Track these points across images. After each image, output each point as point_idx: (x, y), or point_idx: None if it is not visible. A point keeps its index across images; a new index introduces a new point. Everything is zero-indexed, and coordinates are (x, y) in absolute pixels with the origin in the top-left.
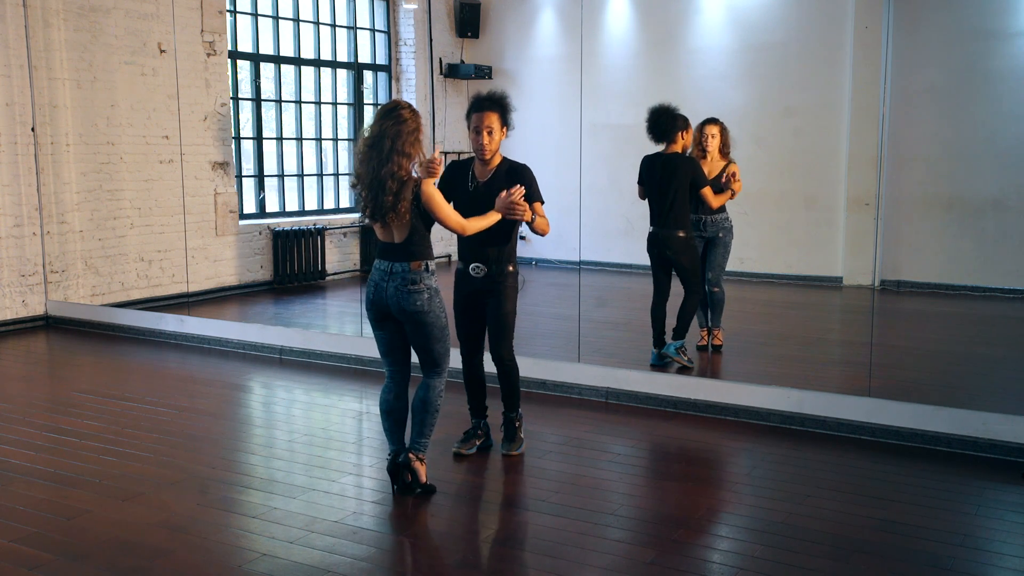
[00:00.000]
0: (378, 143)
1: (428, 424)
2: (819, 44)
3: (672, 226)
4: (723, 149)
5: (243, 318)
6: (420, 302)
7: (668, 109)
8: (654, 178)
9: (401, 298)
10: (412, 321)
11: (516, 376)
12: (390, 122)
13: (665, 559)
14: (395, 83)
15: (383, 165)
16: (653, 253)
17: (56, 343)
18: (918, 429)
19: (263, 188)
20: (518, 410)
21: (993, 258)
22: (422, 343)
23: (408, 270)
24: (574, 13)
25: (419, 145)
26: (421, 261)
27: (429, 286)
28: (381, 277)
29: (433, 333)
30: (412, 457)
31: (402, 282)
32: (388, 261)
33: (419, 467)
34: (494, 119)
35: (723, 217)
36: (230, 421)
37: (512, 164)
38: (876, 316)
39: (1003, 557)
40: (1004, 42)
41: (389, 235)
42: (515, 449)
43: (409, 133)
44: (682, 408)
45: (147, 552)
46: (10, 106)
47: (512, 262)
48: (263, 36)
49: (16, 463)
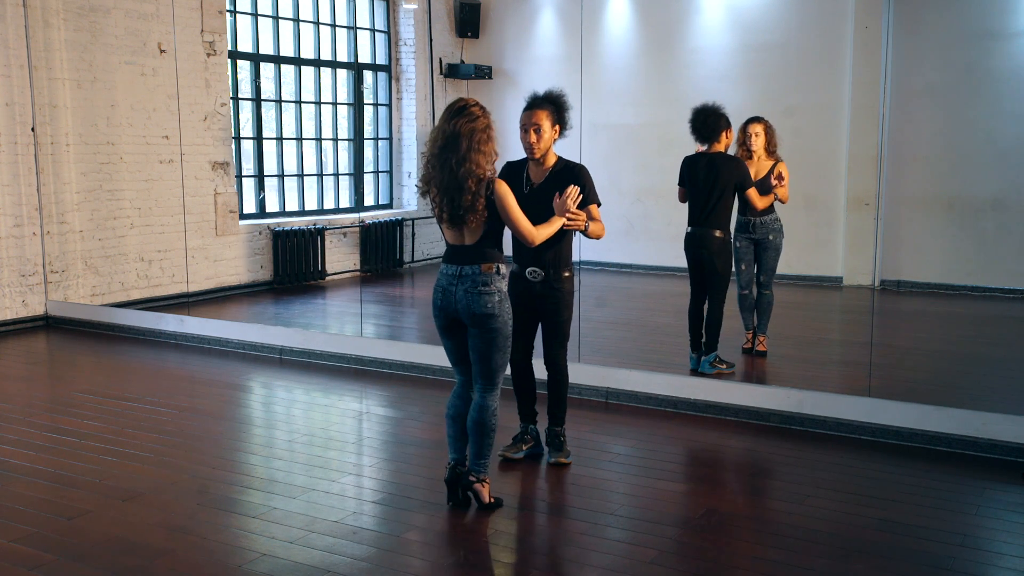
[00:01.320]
0: (453, 143)
1: (487, 446)
2: (819, 44)
3: (710, 225)
4: (769, 147)
5: (243, 318)
6: (491, 304)
7: (713, 108)
8: (697, 177)
9: (471, 300)
10: (480, 325)
11: (566, 383)
12: (464, 119)
13: (665, 559)
14: (395, 83)
15: (461, 165)
16: (690, 253)
17: (56, 343)
18: (918, 429)
19: (263, 188)
20: (563, 424)
21: (993, 258)
22: (484, 350)
23: (479, 272)
24: (574, 13)
25: (492, 143)
26: (492, 264)
27: (500, 289)
28: (449, 281)
29: (497, 341)
30: (473, 480)
31: (472, 284)
32: (457, 264)
33: (481, 489)
34: (543, 116)
35: (773, 218)
36: (230, 421)
37: (567, 164)
38: (876, 316)
39: (1003, 557)
40: (1004, 42)
41: (461, 237)
42: (564, 457)
43: (483, 131)
44: (682, 408)
45: (147, 552)
46: (10, 106)
47: (568, 266)
48: (263, 36)
49: (16, 463)
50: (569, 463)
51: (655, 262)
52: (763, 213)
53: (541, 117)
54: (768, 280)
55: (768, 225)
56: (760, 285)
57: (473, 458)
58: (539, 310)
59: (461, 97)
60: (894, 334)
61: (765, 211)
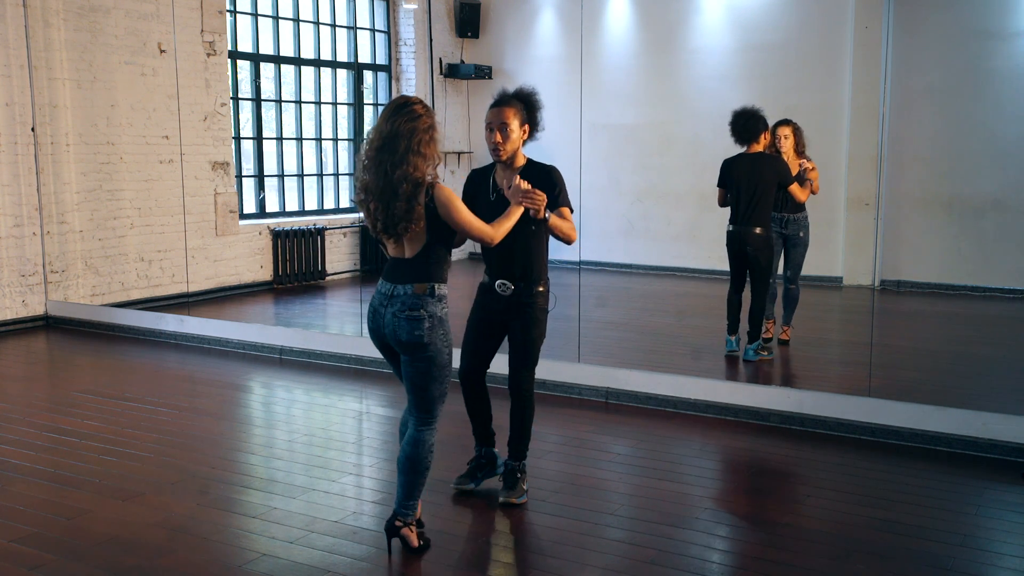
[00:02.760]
0: (391, 144)
1: (417, 486)
2: (819, 44)
3: (752, 223)
4: (798, 148)
5: (243, 318)
6: (419, 332)
7: (754, 111)
8: (739, 177)
9: (398, 326)
10: (409, 353)
11: (531, 413)
12: (403, 119)
13: (665, 559)
14: (395, 83)
15: (397, 168)
16: (733, 250)
17: (56, 343)
18: (918, 429)
19: (263, 188)
20: (524, 459)
21: (993, 258)
22: (417, 381)
23: (410, 293)
24: (574, 13)
25: (435, 144)
26: (427, 284)
27: (432, 314)
28: (380, 302)
29: (432, 371)
30: (399, 525)
31: (401, 307)
32: (391, 283)
33: (409, 534)
34: (511, 115)
35: (803, 216)
36: (230, 421)
37: (537, 165)
38: (876, 316)
39: (1003, 557)
40: (1004, 42)
41: (400, 250)
42: (515, 498)
43: (424, 131)
44: (682, 408)
45: (147, 552)
46: (10, 106)
47: (543, 281)
48: (263, 36)
49: (16, 463)
50: (522, 503)
51: (655, 262)
52: (795, 210)
53: (508, 115)
54: (795, 275)
55: (800, 222)
56: (787, 280)
57: (402, 498)
58: (507, 326)
59: (403, 95)
60: (894, 334)
61: (797, 209)
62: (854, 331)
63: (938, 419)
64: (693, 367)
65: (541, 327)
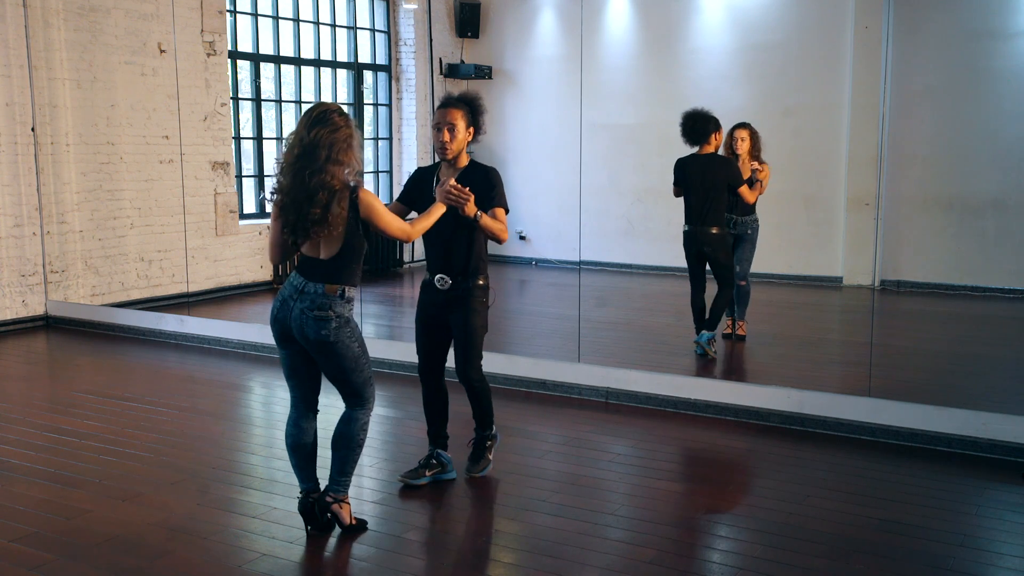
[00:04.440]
0: (310, 152)
1: (349, 461)
2: (819, 44)
3: (708, 223)
4: (754, 152)
5: (243, 318)
6: (325, 331)
7: (702, 113)
8: (691, 178)
9: (305, 323)
10: (317, 351)
11: (487, 396)
12: (325, 129)
13: (665, 559)
14: (395, 83)
15: (315, 175)
16: (691, 250)
17: (56, 343)
18: (918, 429)
19: (263, 188)
20: (491, 428)
21: (993, 258)
22: (334, 375)
23: (321, 293)
24: (574, 13)
25: (352, 152)
26: (338, 286)
27: (339, 314)
28: (290, 294)
29: (345, 364)
30: (330, 500)
31: (310, 305)
32: (304, 278)
33: (340, 510)
34: (458, 116)
35: (752, 218)
36: (230, 421)
37: (478, 166)
38: (876, 316)
39: (1003, 557)
40: (1004, 42)
41: (315, 250)
42: (478, 471)
43: (343, 140)
44: (682, 408)
45: (147, 552)
46: (10, 106)
47: (482, 275)
48: (263, 36)
49: (16, 463)
50: (483, 476)
51: (655, 262)
52: (744, 213)
53: (456, 116)
54: (745, 271)
55: (748, 224)
56: (737, 276)
57: (334, 475)
58: (447, 319)
59: (322, 102)
60: (894, 334)
61: (746, 212)
62: (854, 331)
63: (938, 419)
64: (693, 367)
65: (482, 319)
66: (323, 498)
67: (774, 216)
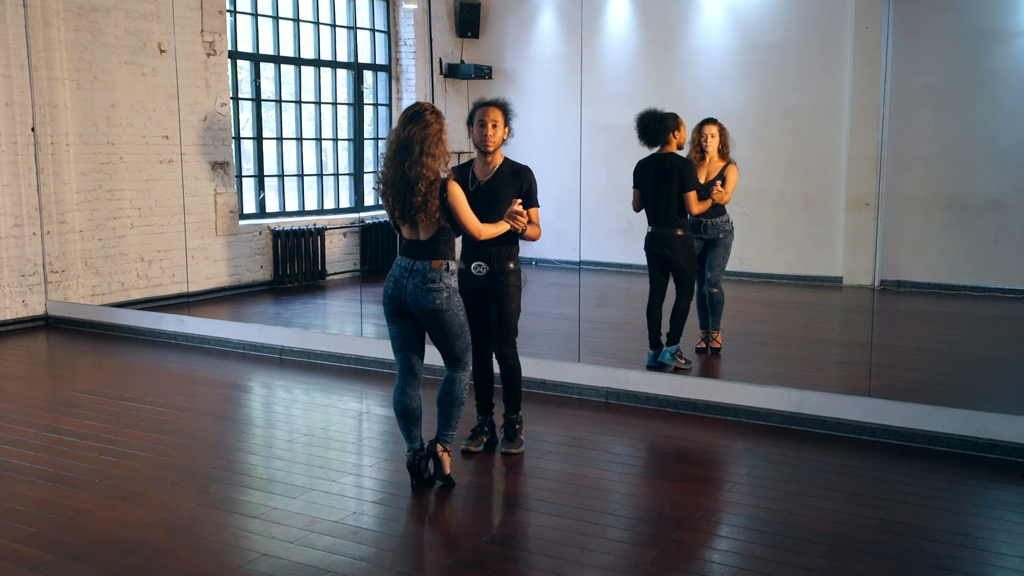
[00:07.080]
0: (406, 147)
1: (454, 417)
2: (819, 44)
3: (670, 224)
4: (722, 149)
5: (243, 318)
6: (439, 300)
7: (654, 113)
8: (650, 179)
9: (420, 295)
10: (431, 319)
11: (518, 375)
12: (417, 126)
13: (665, 559)
14: (395, 83)
15: (413, 168)
16: (652, 252)
17: (56, 343)
18: (918, 429)
19: (263, 188)
20: (519, 412)
21: (993, 258)
22: (442, 340)
23: (429, 268)
24: (574, 13)
25: (443, 145)
26: (443, 260)
27: (448, 285)
28: (401, 273)
29: (452, 330)
30: (439, 448)
31: (422, 279)
32: (410, 259)
33: (444, 457)
34: (499, 115)
35: (723, 220)
36: (230, 421)
37: (515, 165)
38: (876, 316)
39: (1003, 557)
40: (1004, 42)
41: (415, 233)
42: (515, 448)
43: (434, 136)
44: (682, 408)
45: (147, 552)
46: (10, 106)
47: (514, 260)
48: (263, 36)
49: (16, 463)
50: (519, 452)
51: None
52: (714, 216)
53: (497, 115)
54: (716, 278)
55: (719, 226)
56: (708, 283)
57: (441, 428)
58: (487, 305)
59: (418, 102)
60: (894, 334)
61: (716, 213)
62: (854, 331)
63: (938, 419)
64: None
65: (516, 302)
66: (433, 445)
67: (774, 216)
